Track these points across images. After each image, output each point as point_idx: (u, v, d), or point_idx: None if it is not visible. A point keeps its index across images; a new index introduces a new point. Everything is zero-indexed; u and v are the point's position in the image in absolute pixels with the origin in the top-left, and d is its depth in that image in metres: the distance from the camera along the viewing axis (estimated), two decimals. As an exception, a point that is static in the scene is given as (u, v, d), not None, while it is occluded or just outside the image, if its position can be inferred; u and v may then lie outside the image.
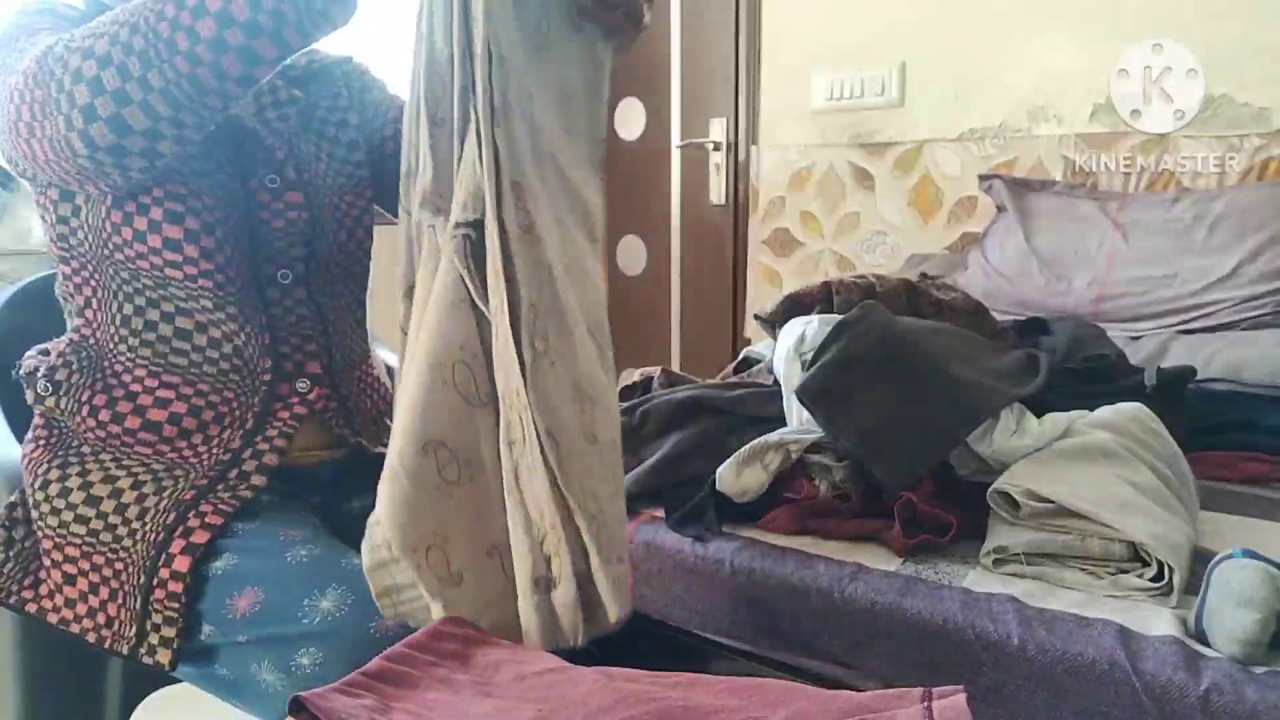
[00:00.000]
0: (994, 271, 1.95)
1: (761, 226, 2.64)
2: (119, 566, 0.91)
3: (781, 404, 1.20)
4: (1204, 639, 0.81)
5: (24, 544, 0.97)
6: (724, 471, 1.09)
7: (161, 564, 0.89)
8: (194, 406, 0.96)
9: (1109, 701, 0.80)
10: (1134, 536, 0.90)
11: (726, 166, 2.70)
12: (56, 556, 0.94)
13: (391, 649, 0.77)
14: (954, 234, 2.32)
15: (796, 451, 1.10)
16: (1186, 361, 1.40)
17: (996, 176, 2.11)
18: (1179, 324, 1.67)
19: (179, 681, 0.95)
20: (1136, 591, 0.90)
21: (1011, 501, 0.97)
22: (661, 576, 1.08)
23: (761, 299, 2.59)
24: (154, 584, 0.89)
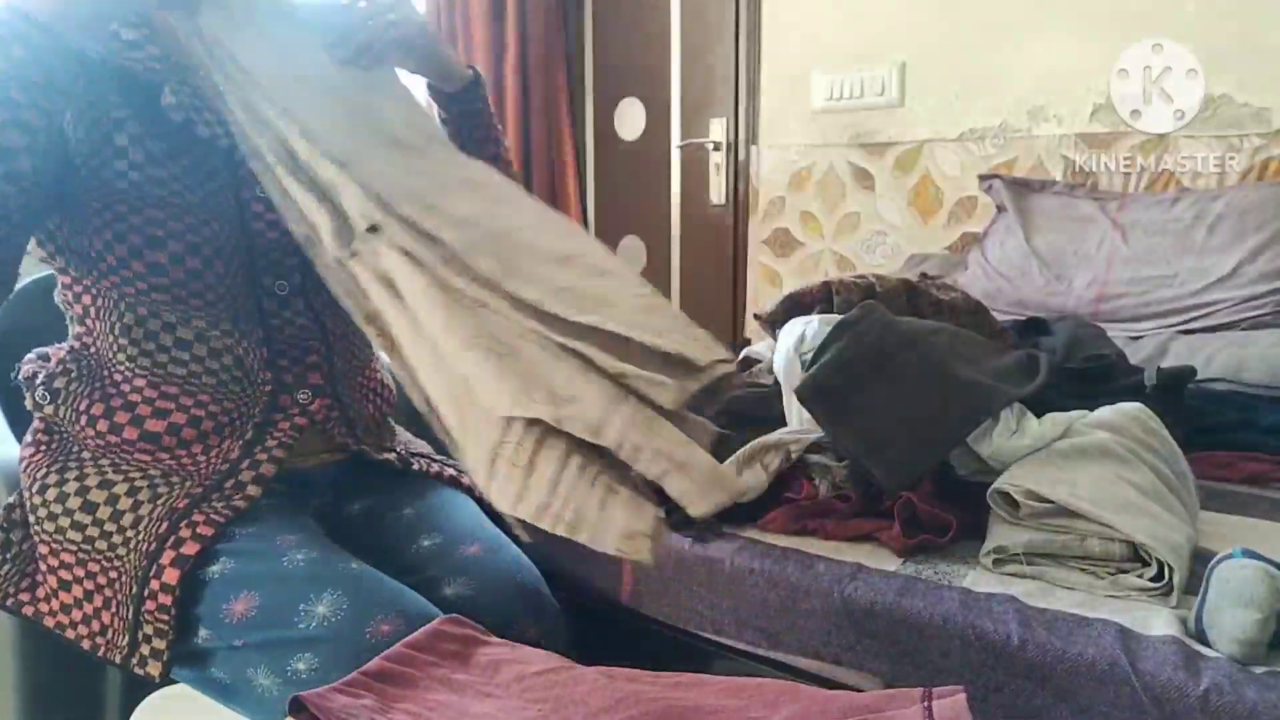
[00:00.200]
0: (994, 271, 1.95)
1: (761, 226, 2.64)
2: (113, 575, 0.91)
3: (781, 404, 1.20)
4: (1204, 639, 0.81)
5: (21, 546, 0.97)
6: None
7: (152, 575, 0.89)
8: (193, 417, 0.95)
9: (1109, 701, 0.80)
10: (1134, 536, 0.90)
11: (726, 166, 2.70)
12: (52, 562, 0.94)
13: (391, 649, 0.77)
14: (954, 234, 2.32)
15: (796, 451, 1.10)
16: (1186, 361, 1.40)
17: (996, 176, 2.11)
18: (1179, 324, 1.67)
19: (178, 683, 0.95)
20: (1136, 591, 0.90)
21: (1011, 501, 0.97)
22: (661, 576, 1.08)
23: (761, 299, 2.59)
24: (145, 595, 0.89)
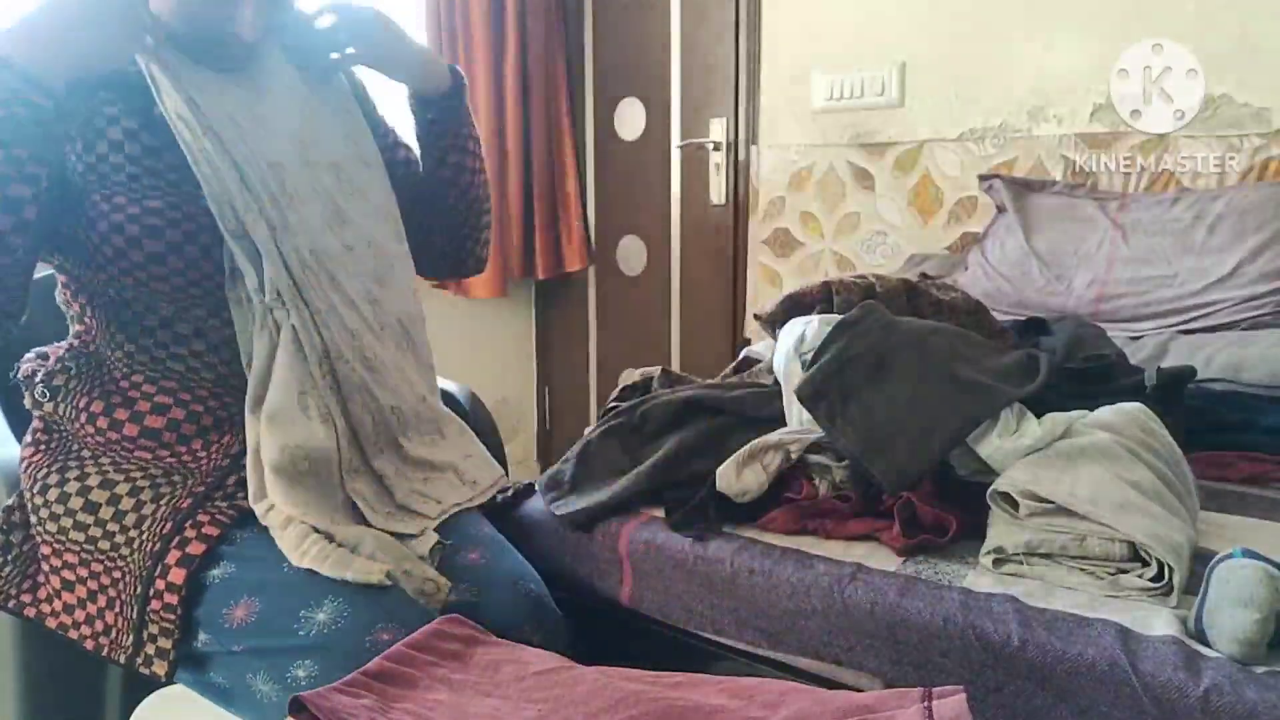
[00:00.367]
0: (994, 271, 1.95)
1: (761, 226, 2.64)
2: (116, 575, 0.91)
3: (781, 404, 1.20)
4: (1204, 639, 0.81)
5: (22, 548, 0.97)
6: (724, 471, 1.09)
7: (158, 574, 0.89)
8: (192, 412, 0.95)
9: (1109, 701, 0.80)
10: (1134, 536, 0.90)
11: (726, 166, 2.70)
12: (55, 562, 0.94)
13: (391, 649, 0.77)
14: (954, 234, 2.32)
15: (796, 451, 1.10)
16: (1186, 361, 1.40)
17: (996, 176, 2.11)
18: (1179, 324, 1.67)
19: (179, 683, 0.95)
20: (1136, 591, 0.90)
21: (1011, 501, 0.97)
22: (661, 576, 1.08)
23: (761, 299, 2.59)
24: (150, 594, 0.89)
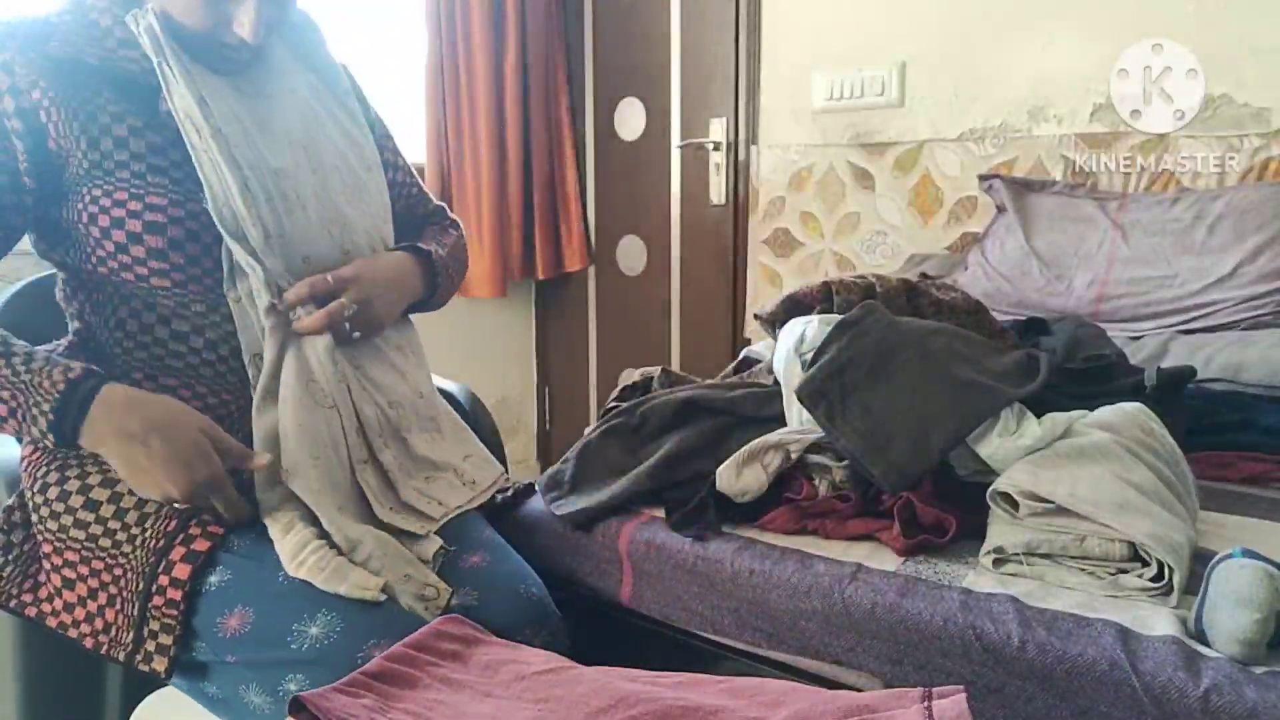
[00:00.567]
0: (994, 271, 1.95)
1: (761, 226, 2.64)
2: (118, 573, 0.91)
3: (781, 404, 1.20)
4: (1204, 639, 0.81)
5: (22, 548, 0.97)
6: (724, 471, 1.09)
7: (161, 570, 0.89)
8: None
9: (1109, 701, 0.80)
10: (1133, 536, 0.90)
11: (726, 166, 2.70)
12: (56, 561, 0.94)
13: (391, 649, 0.77)
14: (954, 234, 2.32)
15: (796, 451, 1.10)
16: (1186, 361, 1.40)
17: (996, 176, 2.11)
18: (1179, 324, 1.67)
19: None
20: (1136, 591, 0.90)
21: (1011, 501, 0.97)
22: (661, 576, 1.08)
23: (761, 299, 2.59)
24: (152, 591, 0.89)
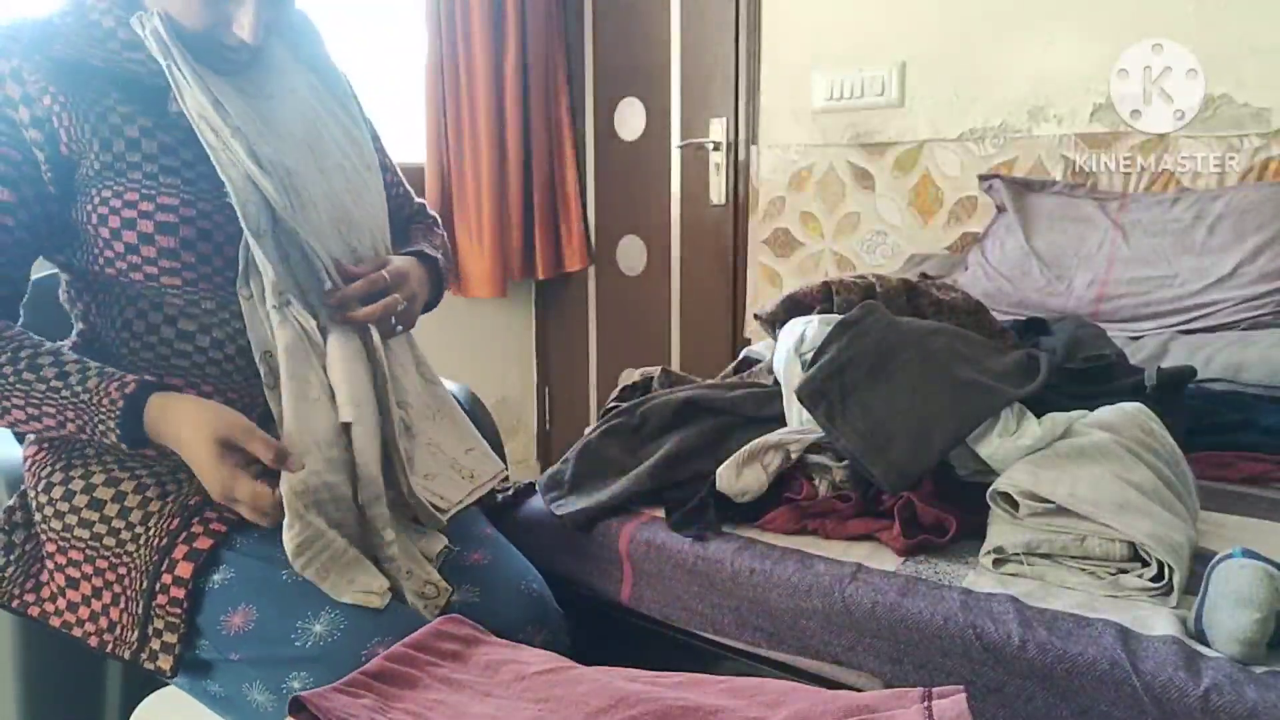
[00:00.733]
0: (994, 271, 1.95)
1: (761, 226, 2.64)
2: (122, 571, 0.91)
3: (781, 404, 1.20)
4: (1204, 639, 0.81)
5: (24, 547, 0.97)
6: (724, 471, 1.09)
7: (164, 569, 0.89)
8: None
9: (1109, 701, 0.80)
10: (1134, 536, 0.90)
11: (726, 166, 2.70)
12: (60, 560, 0.94)
13: (391, 649, 0.77)
14: (954, 234, 2.32)
15: (796, 451, 1.10)
16: (1186, 361, 1.40)
17: (996, 176, 2.11)
18: (1179, 324, 1.67)
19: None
20: (1136, 591, 0.90)
21: (1011, 501, 0.97)
22: (661, 576, 1.08)
23: (761, 299, 2.59)
24: (156, 589, 0.89)
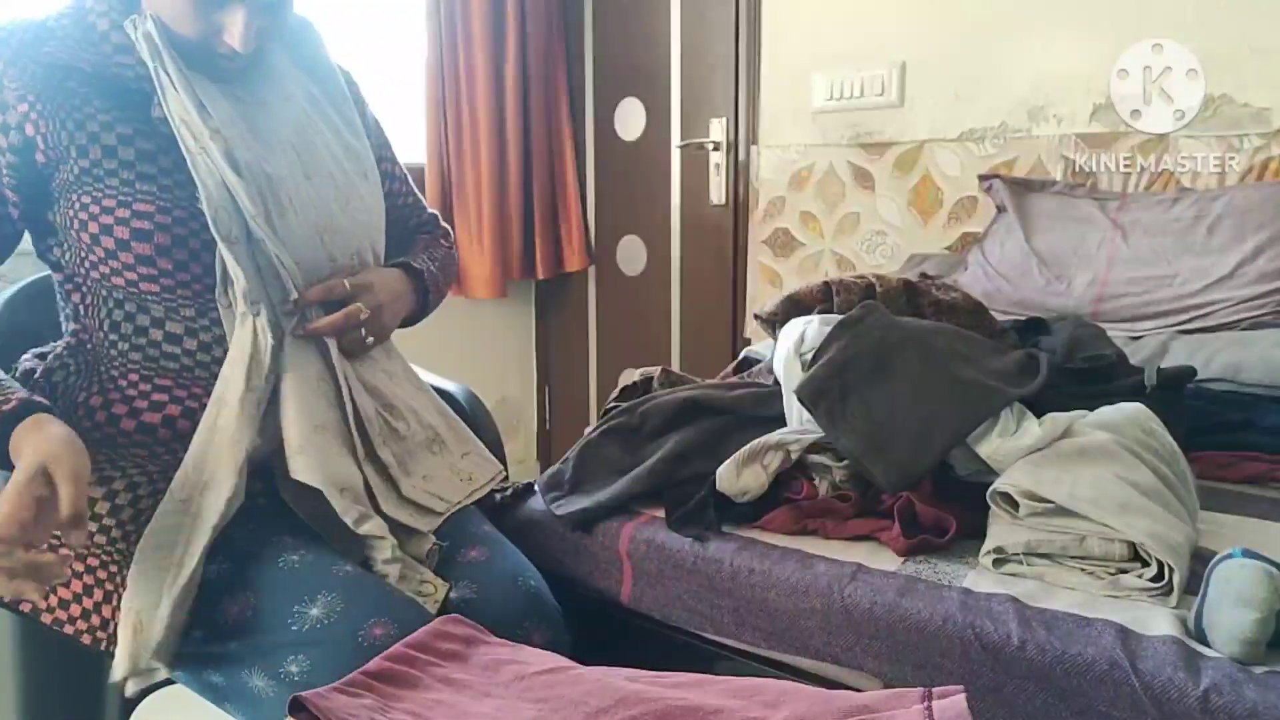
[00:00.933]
0: (994, 271, 1.94)
1: (761, 226, 2.64)
2: (113, 569, 0.91)
3: (781, 404, 1.20)
4: (1204, 639, 0.81)
5: (20, 544, 0.97)
6: (724, 471, 1.09)
7: None
8: (187, 409, 0.96)
9: (1109, 701, 0.80)
10: (1133, 536, 0.90)
11: (726, 166, 2.70)
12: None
13: (391, 649, 0.77)
14: (954, 234, 2.32)
15: (796, 451, 1.10)
16: (1186, 361, 1.39)
17: (996, 176, 2.11)
18: (1179, 324, 1.67)
19: (176, 682, 0.95)
20: (1136, 591, 0.90)
21: (1011, 501, 0.97)
22: (661, 576, 1.08)
23: (761, 299, 2.59)
24: None
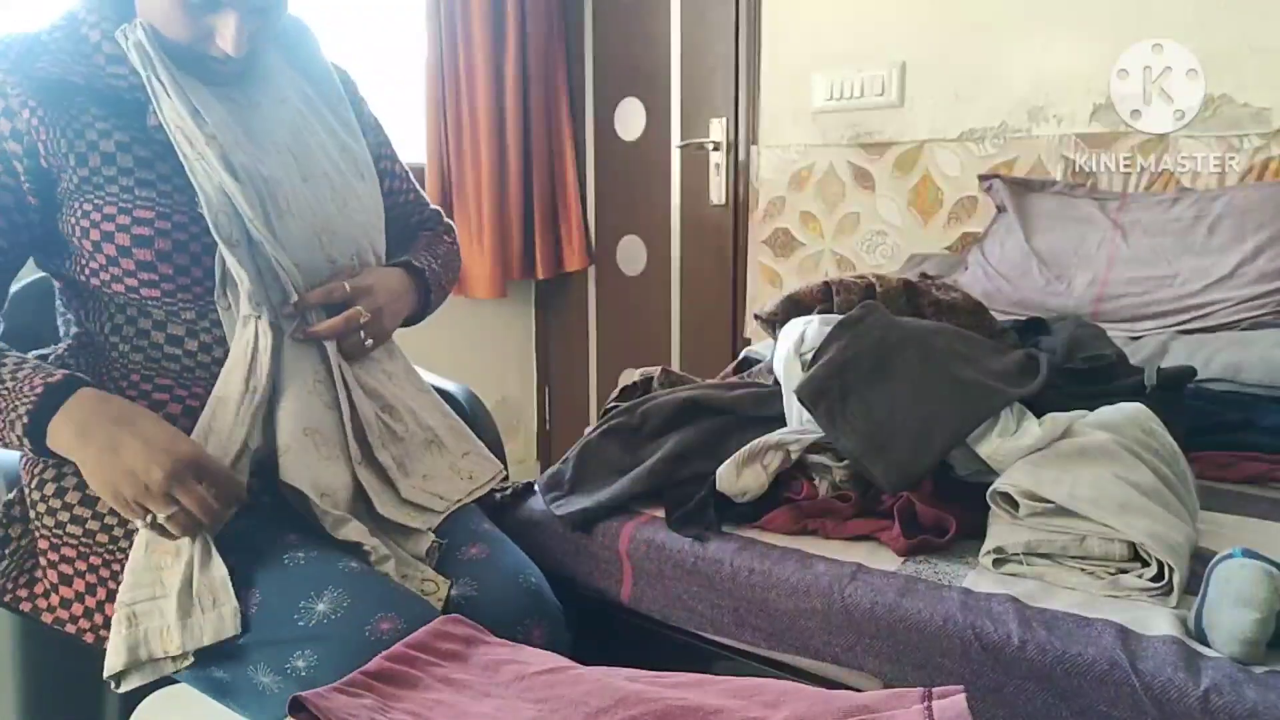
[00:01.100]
0: (994, 271, 1.94)
1: (761, 226, 2.64)
2: (115, 568, 0.91)
3: (781, 404, 1.20)
4: (1204, 639, 0.81)
5: (20, 542, 0.97)
6: (724, 471, 1.09)
7: None
8: (188, 407, 0.96)
9: (1109, 701, 0.80)
10: (1133, 536, 0.90)
11: (726, 166, 2.70)
12: (53, 557, 0.94)
13: (391, 649, 0.77)
14: (954, 234, 2.32)
15: (796, 451, 1.10)
16: (1186, 361, 1.39)
17: (996, 176, 2.11)
18: (1179, 324, 1.67)
19: (178, 681, 0.95)
20: (1136, 591, 0.90)
21: (1011, 501, 0.97)
22: (661, 576, 1.08)
23: (761, 299, 2.59)
24: None
